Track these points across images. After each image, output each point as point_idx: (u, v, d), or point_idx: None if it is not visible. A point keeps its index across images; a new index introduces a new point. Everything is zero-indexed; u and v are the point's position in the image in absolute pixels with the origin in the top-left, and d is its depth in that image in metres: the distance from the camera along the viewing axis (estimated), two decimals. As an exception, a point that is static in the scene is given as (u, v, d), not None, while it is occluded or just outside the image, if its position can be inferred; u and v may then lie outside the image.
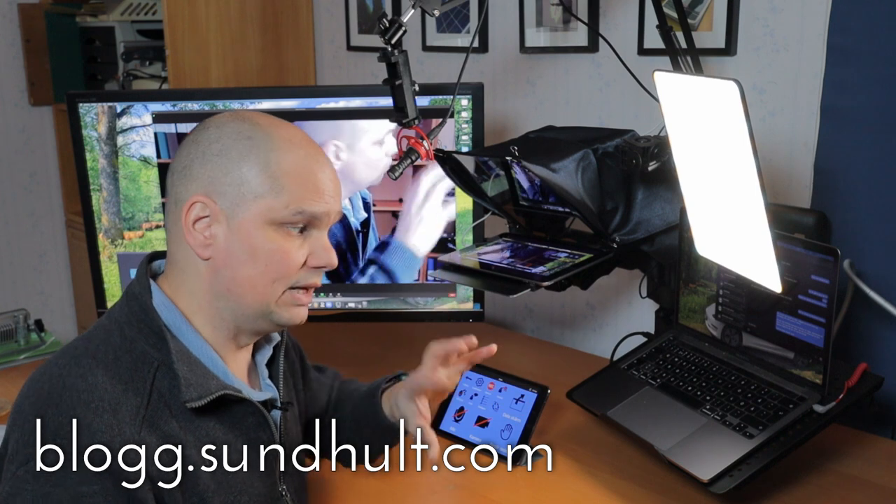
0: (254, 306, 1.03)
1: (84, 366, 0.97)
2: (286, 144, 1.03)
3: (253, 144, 1.02)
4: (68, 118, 1.81)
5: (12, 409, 0.98)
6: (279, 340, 1.17)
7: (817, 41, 1.64)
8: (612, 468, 1.43)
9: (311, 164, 1.04)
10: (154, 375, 0.98)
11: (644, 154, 1.44)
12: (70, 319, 3.32)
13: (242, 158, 1.01)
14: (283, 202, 1.01)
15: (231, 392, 1.02)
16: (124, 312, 1.03)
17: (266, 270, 1.02)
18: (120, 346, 1.00)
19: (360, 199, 1.78)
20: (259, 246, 1.01)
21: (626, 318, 2.05)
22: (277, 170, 1.01)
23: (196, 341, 1.03)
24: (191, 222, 1.02)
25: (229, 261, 1.02)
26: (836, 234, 1.56)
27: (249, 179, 1.01)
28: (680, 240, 1.53)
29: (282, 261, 1.02)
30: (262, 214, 1.01)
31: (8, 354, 1.97)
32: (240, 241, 1.01)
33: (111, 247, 1.85)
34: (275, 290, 1.03)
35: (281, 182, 1.01)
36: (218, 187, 1.01)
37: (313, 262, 1.04)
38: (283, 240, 1.02)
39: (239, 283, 1.02)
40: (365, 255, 1.81)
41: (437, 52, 2.34)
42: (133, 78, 2.73)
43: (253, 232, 1.01)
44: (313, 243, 1.05)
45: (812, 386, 1.34)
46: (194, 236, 1.02)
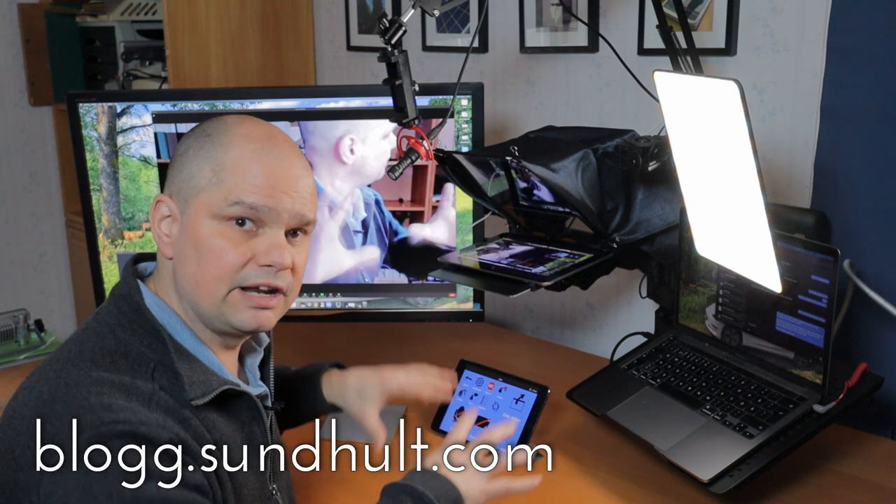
0: (205, 306, 1.01)
1: (82, 367, 0.95)
2: (239, 140, 1.02)
3: (208, 141, 1.02)
4: (68, 118, 1.81)
5: (7, 415, 0.95)
6: (268, 342, 1.17)
7: (817, 41, 1.64)
8: (612, 468, 1.43)
9: (258, 157, 1.01)
10: (153, 377, 0.97)
11: (644, 154, 1.44)
12: (70, 319, 3.32)
13: (195, 155, 1.02)
14: (222, 193, 0.99)
15: (232, 386, 1.02)
16: (114, 314, 1.01)
17: (206, 266, 0.99)
18: (115, 349, 0.98)
19: (360, 199, 1.78)
20: (202, 240, 1.00)
21: (626, 318, 2.05)
22: (222, 163, 1.00)
23: (191, 340, 1.03)
24: (157, 222, 1.03)
25: (180, 257, 1.02)
26: (836, 234, 1.56)
27: (196, 174, 1.01)
28: (680, 240, 1.53)
29: (219, 256, 0.99)
30: (205, 208, 1.00)
31: (8, 354, 1.97)
32: (188, 236, 1.01)
33: (111, 247, 1.85)
34: (218, 290, 1.00)
35: (222, 175, 1.00)
36: (176, 185, 1.03)
37: (260, 260, 1.00)
38: (222, 234, 0.99)
39: (187, 281, 1.01)
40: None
41: (437, 52, 2.34)
42: (133, 78, 2.73)
43: (197, 227, 1.00)
44: (262, 240, 1.01)
45: (812, 386, 1.34)
46: (159, 235, 1.03)
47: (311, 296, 1.84)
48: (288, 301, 1.06)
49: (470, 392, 1.57)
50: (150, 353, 0.98)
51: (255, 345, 1.15)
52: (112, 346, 0.98)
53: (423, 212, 1.78)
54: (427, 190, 1.78)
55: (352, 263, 1.81)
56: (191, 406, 0.98)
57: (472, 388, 1.57)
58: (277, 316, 1.06)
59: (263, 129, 1.05)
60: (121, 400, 0.91)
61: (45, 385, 0.94)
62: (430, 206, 1.78)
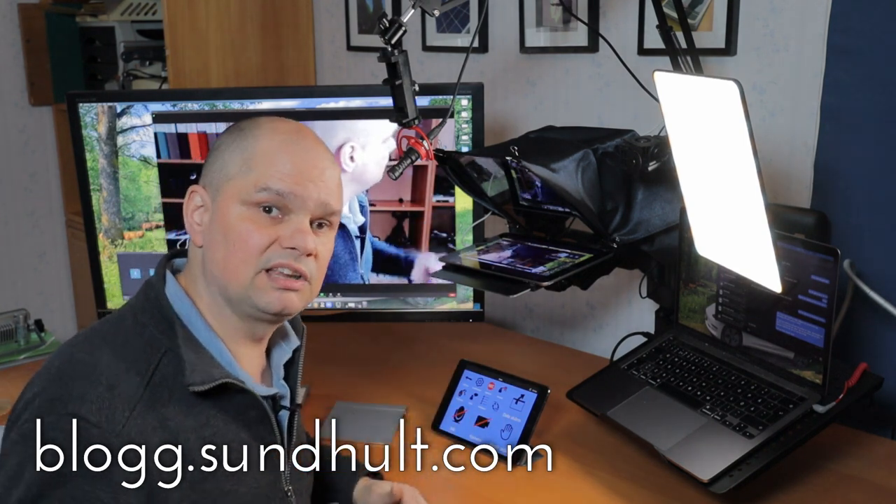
0: (233, 290, 1.05)
1: (94, 344, 1.02)
2: (269, 132, 1.08)
3: (240, 135, 1.08)
4: (68, 118, 1.81)
5: (28, 381, 1.02)
6: (299, 345, 1.18)
7: (817, 41, 1.64)
8: (612, 468, 1.43)
9: (286, 147, 1.06)
10: (160, 360, 1.01)
11: (644, 154, 1.44)
12: (70, 319, 3.31)
13: (227, 147, 1.08)
14: (251, 180, 1.04)
15: (234, 381, 1.03)
16: (140, 300, 1.07)
17: (233, 250, 1.04)
18: (131, 329, 1.03)
19: (357, 203, 1.78)
20: (229, 225, 1.04)
21: (626, 318, 2.05)
22: (252, 153, 1.06)
23: (204, 331, 1.06)
24: (190, 212, 1.08)
25: (210, 244, 1.06)
26: (836, 234, 1.56)
27: (227, 164, 1.06)
28: (680, 240, 1.53)
29: (245, 239, 1.04)
30: (234, 194, 1.05)
31: (8, 354, 1.97)
32: (217, 223, 1.06)
33: (111, 247, 1.85)
34: (246, 272, 1.04)
35: (251, 163, 1.05)
36: (208, 176, 1.08)
37: (283, 242, 1.05)
38: (249, 219, 1.04)
39: (216, 265, 1.05)
40: (363, 261, 1.81)
41: (437, 52, 2.34)
42: (133, 78, 2.73)
43: (226, 212, 1.05)
44: (287, 226, 1.05)
45: (812, 386, 1.34)
46: (190, 225, 1.08)
47: (311, 296, 1.84)
48: (313, 290, 1.10)
49: (470, 392, 1.57)
50: (163, 339, 1.03)
51: (282, 343, 1.17)
52: (129, 326, 1.04)
53: (423, 212, 1.78)
54: (427, 190, 1.78)
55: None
56: (188, 396, 1.00)
57: (472, 388, 1.57)
58: (302, 301, 1.09)
59: (293, 125, 1.11)
60: (101, 388, 0.96)
61: (58, 360, 1.01)
62: (430, 207, 1.78)
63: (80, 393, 0.95)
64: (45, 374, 1.00)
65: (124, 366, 0.99)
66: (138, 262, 1.85)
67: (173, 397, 0.99)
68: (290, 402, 1.13)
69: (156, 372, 1.00)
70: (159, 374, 1.00)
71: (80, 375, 0.97)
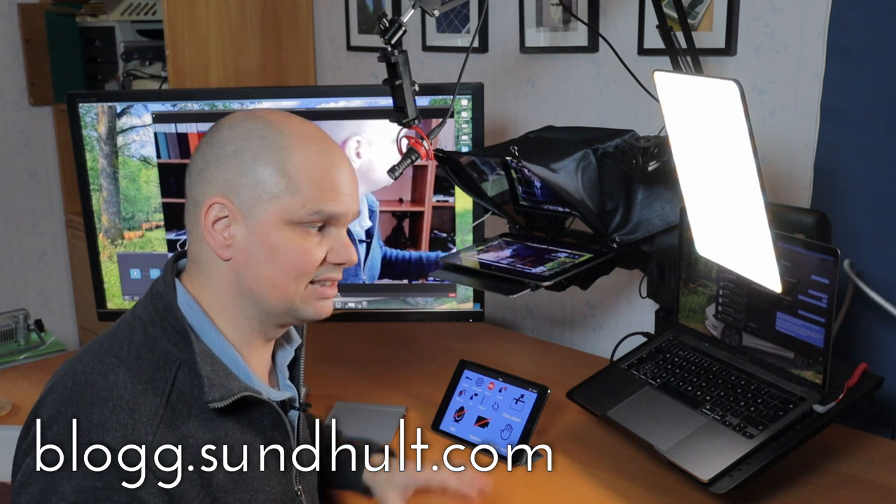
0: (277, 304, 1.04)
1: (107, 364, 0.99)
2: (299, 141, 1.03)
3: (265, 143, 1.02)
4: (68, 118, 1.81)
5: (38, 401, 1.00)
6: (300, 343, 1.18)
7: (817, 41, 1.64)
8: (612, 468, 1.43)
9: (326, 162, 1.04)
10: (175, 375, 0.99)
11: (644, 154, 1.44)
12: (70, 319, 3.31)
13: (256, 159, 1.02)
14: (299, 202, 1.01)
15: (252, 394, 1.02)
16: (148, 311, 1.04)
17: (286, 269, 1.03)
18: (143, 344, 1.01)
19: (366, 206, 1.78)
20: (278, 245, 1.02)
21: (626, 318, 2.05)
22: (292, 169, 1.02)
23: (219, 341, 1.04)
24: (210, 223, 1.02)
25: (249, 261, 1.03)
26: (836, 234, 1.56)
27: (265, 179, 1.01)
28: (680, 240, 1.53)
29: (301, 259, 1.03)
30: (280, 215, 1.01)
31: (8, 354, 1.97)
32: (259, 240, 1.02)
33: (111, 247, 1.85)
34: (297, 287, 1.04)
35: (296, 182, 1.01)
36: (234, 188, 1.02)
37: (333, 259, 1.05)
38: (301, 238, 1.03)
39: (260, 283, 1.03)
40: (367, 266, 1.80)
41: (437, 52, 2.34)
42: (133, 78, 2.73)
43: (271, 232, 1.02)
44: (332, 240, 1.05)
45: (812, 386, 1.34)
46: (214, 237, 1.03)
47: (311, 296, 1.84)
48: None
49: (470, 392, 1.57)
50: (176, 352, 1.01)
51: (285, 343, 1.17)
52: (140, 341, 1.01)
53: (423, 212, 1.78)
54: (427, 190, 1.78)
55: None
56: (206, 410, 0.99)
57: (472, 388, 1.57)
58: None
59: (311, 127, 1.07)
60: (122, 414, 0.94)
61: (71, 381, 0.98)
62: (430, 207, 1.78)
63: (101, 420, 0.93)
64: (58, 394, 0.98)
65: (141, 387, 0.97)
66: (138, 262, 1.85)
67: (192, 413, 0.98)
68: (297, 402, 1.13)
69: (173, 389, 0.98)
70: (176, 391, 0.98)
71: (98, 401, 0.95)
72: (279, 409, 1.07)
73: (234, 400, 1.00)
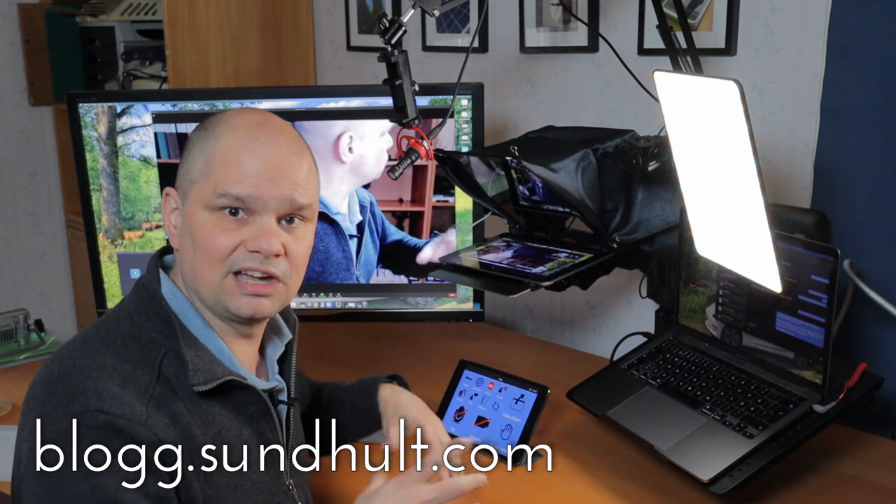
0: (206, 294, 1.05)
1: (93, 349, 1.00)
2: (228, 129, 1.05)
3: (206, 134, 1.06)
4: (68, 118, 1.82)
5: (26, 394, 1.01)
6: (291, 338, 1.18)
7: (817, 41, 1.64)
8: (612, 468, 1.43)
9: (242, 147, 1.03)
10: (161, 362, 1.00)
11: (644, 154, 1.44)
12: (70, 319, 3.31)
13: (192, 148, 1.06)
14: (210, 185, 1.03)
15: (236, 378, 1.03)
16: (134, 301, 1.06)
17: (201, 254, 1.03)
18: (129, 333, 1.02)
19: (356, 202, 1.78)
20: (195, 230, 1.04)
21: (626, 318, 2.05)
22: (211, 154, 1.04)
23: (202, 329, 1.06)
24: (167, 214, 1.08)
25: (182, 247, 1.06)
26: (836, 234, 1.56)
27: (191, 167, 1.05)
28: (680, 240, 1.53)
29: (209, 244, 1.03)
30: (198, 199, 1.04)
31: (8, 354, 1.97)
32: (187, 226, 1.05)
33: (111, 247, 1.85)
34: (213, 275, 1.03)
35: (211, 166, 1.03)
36: (178, 178, 1.07)
37: (248, 246, 1.03)
38: (213, 224, 1.03)
39: (188, 269, 1.05)
40: (360, 262, 1.81)
41: (437, 52, 2.34)
42: (133, 78, 2.73)
43: (193, 217, 1.04)
44: (252, 228, 1.03)
45: (812, 386, 1.34)
46: (168, 227, 1.08)
47: (311, 296, 1.84)
48: (289, 289, 1.08)
49: (470, 392, 1.57)
50: (161, 340, 1.02)
51: (275, 338, 1.17)
52: (127, 330, 1.03)
53: (423, 212, 1.78)
54: (427, 190, 1.78)
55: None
56: (192, 395, 1.00)
57: (472, 388, 1.57)
58: (276, 304, 1.07)
59: (255, 117, 1.07)
60: (115, 387, 0.95)
61: (58, 365, 0.99)
62: (430, 207, 1.78)
63: (97, 390, 0.94)
64: (45, 376, 0.99)
65: (129, 367, 0.98)
66: (138, 262, 1.85)
67: (179, 396, 1.00)
68: (286, 397, 1.14)
69: (160, 375, 1.00)
70: (163, 377, 1.00)
71: (88, 376, 0.96)
72: (265, 398, 1.07)
73: (219, 384, 1.01)
